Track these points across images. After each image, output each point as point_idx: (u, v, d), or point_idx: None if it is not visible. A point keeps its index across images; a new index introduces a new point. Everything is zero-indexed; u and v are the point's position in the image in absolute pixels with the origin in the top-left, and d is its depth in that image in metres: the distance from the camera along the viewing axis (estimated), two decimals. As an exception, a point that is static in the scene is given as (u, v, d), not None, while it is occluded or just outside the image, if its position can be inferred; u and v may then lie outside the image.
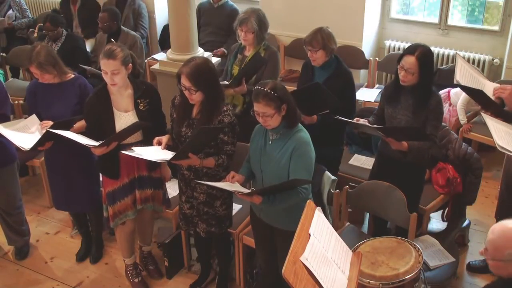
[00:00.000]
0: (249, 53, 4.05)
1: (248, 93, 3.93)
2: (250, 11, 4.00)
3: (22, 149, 3.38)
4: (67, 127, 3.39)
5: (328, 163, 3.60)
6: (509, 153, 2.94)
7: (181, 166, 3.28)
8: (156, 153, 3.15)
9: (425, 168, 3.60)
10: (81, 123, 3.48)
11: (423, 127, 3.26)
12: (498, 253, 2.12)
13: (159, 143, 3.21)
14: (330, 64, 3.67)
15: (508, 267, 2.13)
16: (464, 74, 3.35)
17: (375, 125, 3.28)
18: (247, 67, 3.94)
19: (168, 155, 3.11)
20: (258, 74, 3.94)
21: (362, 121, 3.34)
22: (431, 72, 3.25)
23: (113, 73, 3.19)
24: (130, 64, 3.29)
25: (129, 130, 3.23)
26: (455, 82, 3.35)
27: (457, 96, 4.74)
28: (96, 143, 3.19)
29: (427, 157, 3.46)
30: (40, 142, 3.40)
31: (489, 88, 3.29)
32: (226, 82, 3.89)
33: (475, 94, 3.30)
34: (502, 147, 2.92)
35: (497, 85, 3.31)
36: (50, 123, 3.42)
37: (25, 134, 3.47)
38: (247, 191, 2.84)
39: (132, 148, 3.18)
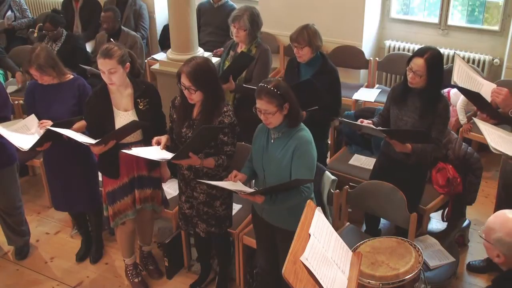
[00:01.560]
0: (241, 49, 4.09)
1: (236, 90, 3.95)
2: (244, 8, 4.06)
3: (21, 149, 3.38)
4: (67, 128, 3.38)
5: None
6: (502, 153, 2.96)
7: (181, 166, 3.28)
8: (156, 152, 3.15)
9: (427, 170, 3.60)
10: (80, 124, 3.48)
11: (429, 130, 3.26)
12: (488, 234, 2.25)
13: (158, 143, 3.20)
14: (315, 61, 3.74)
15: (493, 250, 2.24)
16: (461, 75, 3.35)
17: (379, 128, 3.28)
18: (232, 64, 3.96)
19: (168, 154, 3.11)
20: (248, 71, 3.96)
21: (366, 122, 3.35)
22: (439, 75, 3.24)
23: (110, 72, 3.19)
24: (128, 63, 3.28)
25: (128, 129, 3.23)
26: (452, 83, 3.36)
27: (457, 96, 4.74)
28: (94, 141, 3.19)
29: (430, 158, 3.47)
30: (39, 143, 3.39)
31: (487, 88, 3.29)
32: None
33: (472, 96, 3.30)
34: (495, 148, 2.95)
35: (495, 86, 3.31)
36: (50, 122, 3.41)
37: (24, 135, 3.47)
38: (249, 190, 2.84)
39: (132, 147, 3.18)
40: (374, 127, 3.30)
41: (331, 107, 3.71)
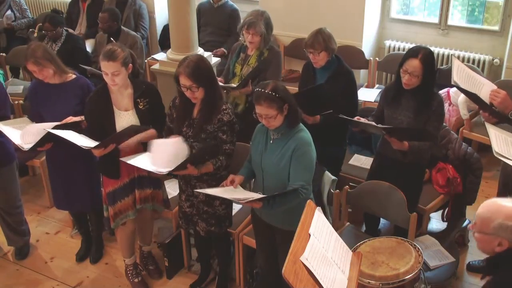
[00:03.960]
0: (252, 52, 4.06)
1: (252, 93, 3.96)
2: (256, 13, 4.02)
3: (22, 148, 3.37)
4: (75, 128, 3.37)
5: (331, 162, 3.60)
6: (504, 160, 2.96)
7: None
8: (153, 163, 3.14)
9: (424, 169, 3.60)
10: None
11: (424, 127, 3.27)
12: (484, 226, 2.17)
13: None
14: (331, 64, 3.69)
15: (493, 241, 2.16)
16: (461, 75, 3.35)
17: (380, 125, 3.28)
18: (255, 70, 3.94)
19: (165, 168, 3.09)
20: (261, 75, 3.95)
21: (363, 120, 3.35)
22: (433, 73, 3.27)
23: (114, 74, 3.19)
24: (131, 65, 3.29)
25: (126, 133, 3.22)
26: (452, 83, 3.36)
27: (457, 95, 4.73)
28: (92, 145, 3.16)
29: (427, 157, 3.47)
30: (39, 143, 3.39)
31: (487, 89, 3.29)
32: (234, 85, 3.90)
33: (471, 96, 3.31)
34: (498, 153, 2.95)
35: (495, 86, 3.32)
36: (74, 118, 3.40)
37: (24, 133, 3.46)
38: (247, 196, 2.83)
39: (131, 157, 3.17)
40: (375, 124, 3.29)
41: (346, 110, 3.59)
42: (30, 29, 6.36)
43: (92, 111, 3.34)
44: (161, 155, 3.10)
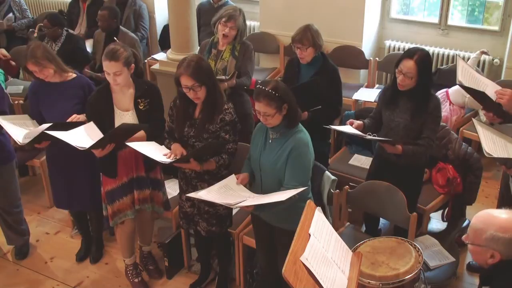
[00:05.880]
0: (223, 47, 4.08)
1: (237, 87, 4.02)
2: (235, 8, 4.08)
3: (18, 143, 3.36)
4: (68, 129, 3.36)
5: (317, 157, 3.61)
6: (494, 159, 2.98)
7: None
8: (157, 153, 3.15)
9: (422, 171, 3.60)
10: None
11: (421, 130, 3.27)
12: (477, 238, 2.15)
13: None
14: (316, 60, 3.75)
15: (485, 253, 2.14)
16: (466, 75, 3.35)
17: (368, 135, 3.28)
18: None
19: (168, 159, 3.11)
20: (236, 68, 4.02)
21: (356, 123, 3.37)
22: (429, 75, 3.26)
23: (116, 74, 3.19)
24: (133, 65, 3.28)
25: (119, 133, 3.20)
26: (457, 83, 3.36)
27: (457, 93, 4.73)
28: (87, 145, 3.12)
29: (425, 159, 3.46)
30: (36, 140, 3.37)
31: (491, 89, 3.29)
32: (224, 77, 3.92)
33: (477, 95, 3.30)
34: (489, 154, 2.96)
35: (499, 87, 3.31)
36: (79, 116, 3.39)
37: (22, 129, 3.46)
38: (237, 201, 2.83)
39: (135, 143, 3.18)
40: (364, 134, 3.30)
41: (334, 106, 3.73)
42: (30, 29, 6.36)
43: (93, 110, 3.35)
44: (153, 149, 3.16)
